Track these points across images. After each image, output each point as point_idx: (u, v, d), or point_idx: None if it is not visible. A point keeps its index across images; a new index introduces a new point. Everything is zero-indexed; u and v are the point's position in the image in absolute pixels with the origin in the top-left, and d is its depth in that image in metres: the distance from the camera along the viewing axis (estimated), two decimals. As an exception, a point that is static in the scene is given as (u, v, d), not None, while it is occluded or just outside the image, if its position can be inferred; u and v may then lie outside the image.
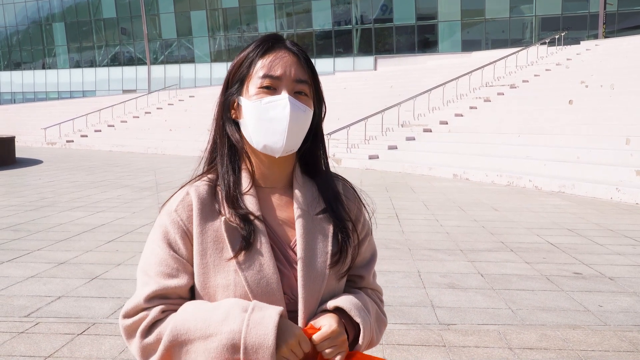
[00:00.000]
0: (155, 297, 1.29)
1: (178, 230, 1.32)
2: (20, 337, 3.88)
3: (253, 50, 1.38)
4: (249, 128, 1.36)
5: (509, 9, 33.53)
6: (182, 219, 1.33)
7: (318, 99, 1.42)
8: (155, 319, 1.28)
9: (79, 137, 30.43)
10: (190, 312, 1.27)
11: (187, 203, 1.34)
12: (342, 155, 18.35)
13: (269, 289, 1.28)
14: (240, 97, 1.38)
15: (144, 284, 1.32)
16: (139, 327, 1.28)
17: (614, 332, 4.09)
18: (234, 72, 1.41)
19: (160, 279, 1.30)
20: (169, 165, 18.64)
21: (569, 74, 21.51)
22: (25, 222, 8.29)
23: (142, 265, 1.35)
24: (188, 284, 1.31)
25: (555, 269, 5.84)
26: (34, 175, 15.17)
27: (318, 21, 39.29)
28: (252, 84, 1.36)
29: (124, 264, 5.93)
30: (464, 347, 3.82)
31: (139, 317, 1.29)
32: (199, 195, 1.35)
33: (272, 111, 1.32)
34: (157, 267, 1.31)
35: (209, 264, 1.30)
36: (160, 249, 1.32)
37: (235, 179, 1.38)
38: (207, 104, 32.33)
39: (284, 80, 1.34)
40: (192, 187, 1.38)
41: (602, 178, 11.65)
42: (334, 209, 1.41)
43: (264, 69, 1.35)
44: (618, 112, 14.94)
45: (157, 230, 1.36)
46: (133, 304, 1.30)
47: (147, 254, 1.36)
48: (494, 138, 16.30)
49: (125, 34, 46.53)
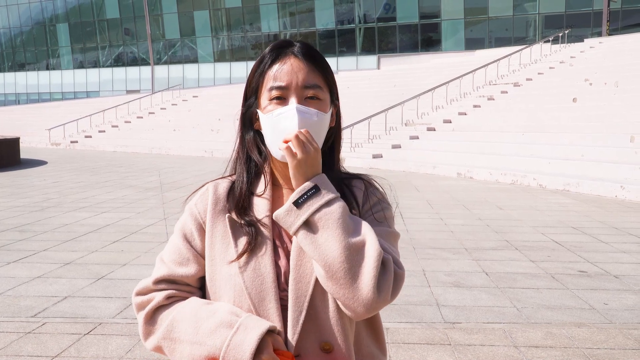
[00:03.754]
0: (163, 281, 1.42)
1: (194, 222, 1.45)
2: (27, 337, 3.90)
3: (263, 60, 1.41)
4: (267, 139, 1.41)
5: (512, 7, 33.51)
6: (200, 213, 1.45)
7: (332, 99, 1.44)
8: (159, 304, 1.40)
9: (83, 138, 30.51)
10: (188, 313, 1.35)
11: (205, 198, 1.46)
12: (346, 155, 18.34)
13: (263, 287, 1.34)
14: (258, 110, 1.42)
15: (157, 267, 1.45)
16: (146, 308, 1.41)
17: (619, 330, 4.09)
18: (249, 84, 1.45)
19: (172, 265, 1.43)
20: (173, 166, 18.67)
21: (572, 72, 21.47)
22: (30, 222, 8.32)
23: (162, 252, 1.49)
24: (196, 274, 1.42)
25: (560, 267, 5.84)
26: (38, 176, 15.22)
27: (321, 20, 39.33)
28: (263, 96, 1.40)
29: (130, 264, 5.95)
30: (470, 345, 3.82)
31: (147, 297, 1.42)
32: (215, 192, 1.46)
33: (283, 122, 1.35)
34: (171, 255, 1.45)
35: (216, 256, 1.39)
36: (177, 239, 1.46)
37: (249, 186, 1.44)
38: (211, 104, 32.49)
39: (291, 88, 1.36)
40: (213, 183, 1.49)
41: (607, 176, 11.63)
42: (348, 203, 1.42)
43: (271, 80, 1.38)
44: (622, 109, 14.90)
45: (179, 223, 1.50)
46: (144, 285, 1.45)
47: (168, 244, 1.50)
48: (497, 136, 16.29)
49: (128, 35, 46.66)
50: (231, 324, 1.29)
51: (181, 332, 1.33)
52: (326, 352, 1.33)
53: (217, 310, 1.33)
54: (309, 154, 1.28)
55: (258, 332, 1.26)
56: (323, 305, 1.34)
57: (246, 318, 1.29)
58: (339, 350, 1.34)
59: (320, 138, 1.38)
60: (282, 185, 1.46)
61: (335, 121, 1.46)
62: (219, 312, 1.32)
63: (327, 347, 1.33)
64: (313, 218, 1.27)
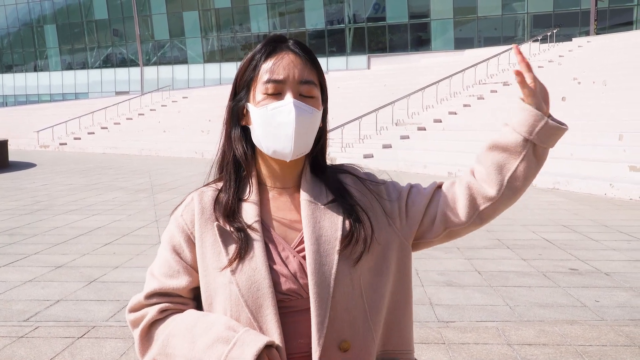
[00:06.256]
0: (154, 295, 1.39)
1: (183, 234, 1.41)
2: (20, 342, 3.88)
3: (256, 54, 1.38)
4: (258, 135, 1.37)
5: (501, 6, 33.67)
6: (187, 224, 1.41)
7: (323, 98, 1.42)
8: (153, 319, 1.37)
9: (72, 140, 30.32)
10: (183, 328, 1.32)
11: (191, 208, 1.42)
12: (337, 155, 18.35)
13: (260, 294, 1.30)
14: (248, 103, 1.38)
15: (148, 282, 1.42)
16: (140, 325, 1.38)
17: (610, 327, 4.13)
18: (239, 78, 1.41)
19: (162, 278, 1.40)
20: (164, 167, 18.61)
21: (561, 70, 21.60)
22: (20, 226, 8.27)
23: (151, 266, 1.46)
24: (188, 286, 1.39)
25: (551, 265, 5.88)
26: (28, 179, 15.12)
27: (311, 20, 39.33)
28: (257, 90, 1.36)
29: (122, 267, 5.93)
30: (464, 344, 3.84)
31: (140, 313, 1.39)
32: (201, 201, 1.42)
33: (279, 117, 1.32)
34: (160, 269, 1.41)
35: (208, 266, 1.36)
36: (166, 252, 1.42)
37: (237, 189, 1.41)
38: (201, 104, 32.40)
39: (288, 83, 1.33)
40: (197, 192, 1.45)
41: (596, 174, 11.71)
42: (343, 196, 1.41)
43: (267, 73, 1.34)
44: (611, 108, 15.01)
45: (165, 235, 1.46)
46: (136, 300, 1.41)
47: (157, 257, 1.46)
48: (487, 135, 16.23)
49: (117, 36, 46.43)
50: (228, 339, 1.26)
51: (177, 347, 1.31)
52: (344, 351, 1.31)
53: (214, 324, 1.30)
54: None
55: (255, 348, 1.23)
56: (343, 305, 1.32)
57: (243, 333, 1.26)
58: (357, 348, 1.33)
59: (313, 135, 1.37)
60: (269, 187, 1.43)
61: (323, 122, 1.44)
62: (215, 326, 1.29)
63: (346, 346, 1.31)
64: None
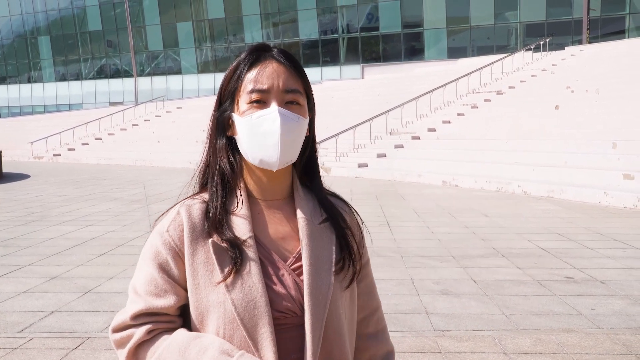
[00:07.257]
0: (141, 315, 1.30)
1: (170, 251, 1.32)
2: (14, 353, 3.85)
3: (240, 64, 1.36)
4: (244, 144, 1.35)
5: (493, 15, 33.82)
6: (174, 240, 1.32)
7: (309, 107, 1.40)
8: (140, 340, 1.29)
9: (66, 151, 30.26)
10: (175, 352, 1.26)
11: (178, 223, 1.33)
12: (331, 164, 18.38)
13: (256, 313, 1.26)
14: (233, 113, 1.36)
15: (133, 301, 1.33)
16: (127, 346, 1.30)
17: (607, 335, 4.13)
18: (224, 88, 1.39)
19: (149, 297, 1.31)
20: (158, 177, 18.57)
21: (554, 79, 21.72)
22: (14, 237, 8.22)
23: (133, 281, 1.36)
24: (175, 305, 1.31)
25: (546, 274, 5.88)
26: (22, 190, 15.06)
27: (304, 31, 39.41)
28: (242, 99, 1.34)
29: (116, 278, 5.90)
30: (460, 353, 3.83)
31: (126, 333, 1.31)
32: (189, 216, 1.33)
33: (264, 125, 1.31)
34: (146, 287, 1.32)
35: (200, 284, 1.30)
36: (151, 269, 1.33)
37: (225, 200, 1.36)
38: (195, 115, 32.38)
39: (272, 92, 1.32)
40: (184, 206, 1.36)
41: (590, 182, 11.76)
42: (334, 217, 1.41)
43: (251, 83, 1.33)
44: (604, 116, 15.09)
45: (149, 250, 1.36)
46: (120, 320, 1.33)
47: (139, 272, 1.36)
48: (482, 144, 16.41)
49: (111, 47, 46.41)
50: None
51: None
52: None
53: (207, 348, 1.25)
54: None
55: None
56: (333, 326, 1.32)
57: (239, 358, 1.23)
58: None
59: (299, 144, 1.35)
60: (259, 199, 1.39)
61: (310, 130, 1.42)
62: (209, 350, 1.24)
63: None
64: None
